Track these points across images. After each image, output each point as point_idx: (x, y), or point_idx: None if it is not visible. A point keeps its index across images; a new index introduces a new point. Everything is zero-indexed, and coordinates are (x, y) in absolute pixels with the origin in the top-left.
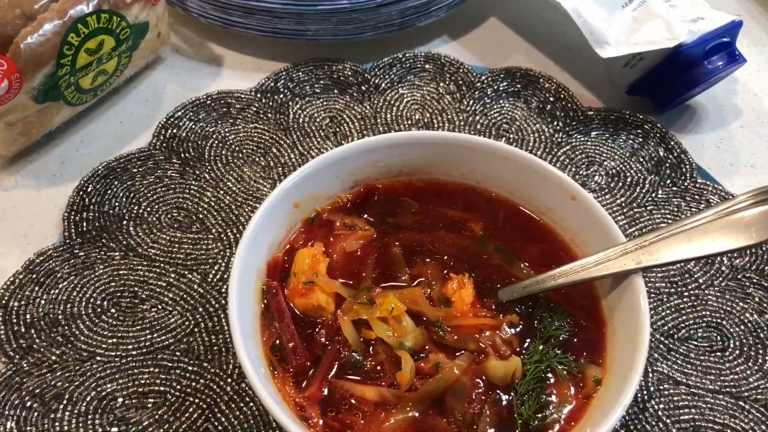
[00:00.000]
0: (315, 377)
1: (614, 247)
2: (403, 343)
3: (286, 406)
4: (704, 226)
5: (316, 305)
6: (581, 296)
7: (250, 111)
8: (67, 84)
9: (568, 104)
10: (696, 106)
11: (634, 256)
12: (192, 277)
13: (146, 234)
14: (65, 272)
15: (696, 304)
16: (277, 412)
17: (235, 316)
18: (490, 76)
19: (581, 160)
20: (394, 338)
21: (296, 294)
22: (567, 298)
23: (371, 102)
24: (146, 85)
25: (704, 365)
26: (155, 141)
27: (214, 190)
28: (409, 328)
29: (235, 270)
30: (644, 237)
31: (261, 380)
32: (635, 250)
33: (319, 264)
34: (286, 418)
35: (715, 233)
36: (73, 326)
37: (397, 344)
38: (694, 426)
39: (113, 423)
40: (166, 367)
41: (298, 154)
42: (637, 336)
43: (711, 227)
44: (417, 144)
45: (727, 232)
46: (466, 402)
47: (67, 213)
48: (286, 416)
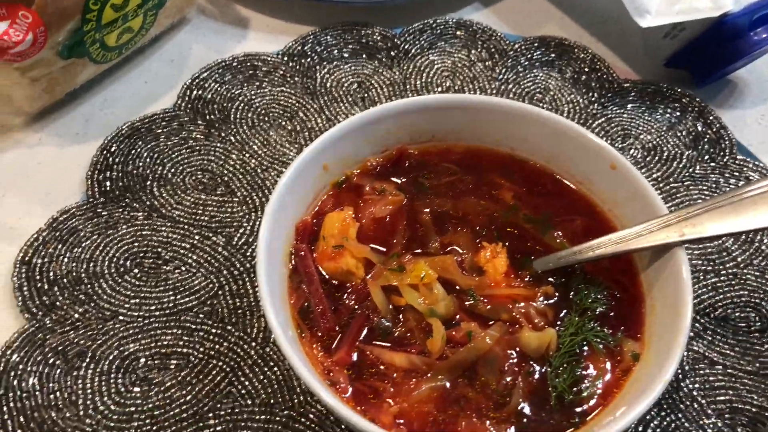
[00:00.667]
0: (343, 342)
1: (656, 219)
2: (434, 310)
3: (313, 370)
4: (752, 198)
5: (345, 269)
6: (619, 269)
7: (277, 74)
8: (93, 40)
9: (603, 75)
10: (737, 80)
11: (677, 228)
12: (216, 239)
13: (170, 195)
14: (88, 231)
15: (734, 283)
16: (304, 373)
17: (264, 276)
18: (524, 44)
19: (617, 133)
20: (425, 305)
21: (325, 258)
22: (604, 271)
23: (400, 68)
24: (171, 45)
25: (742, 346)
26: (180, 102)
27: (240, 153)
28: (441, 296)
29: (263, 230)
30: (687, 209)
31: (289, 342)
32: (678, 222)
33: (348, 228)
34: (313, 381)
35: (764, 206)
36: (95, 285)
37: (428, 311)
38: (731, 407)
39: (135, 383)
40: (189, 329)
41: (325, 119)
42: (680, 310)
43: (760, 200)
44: (451, 108)
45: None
46: (499, 372)
47: (90, 172)
48: (313, 378)
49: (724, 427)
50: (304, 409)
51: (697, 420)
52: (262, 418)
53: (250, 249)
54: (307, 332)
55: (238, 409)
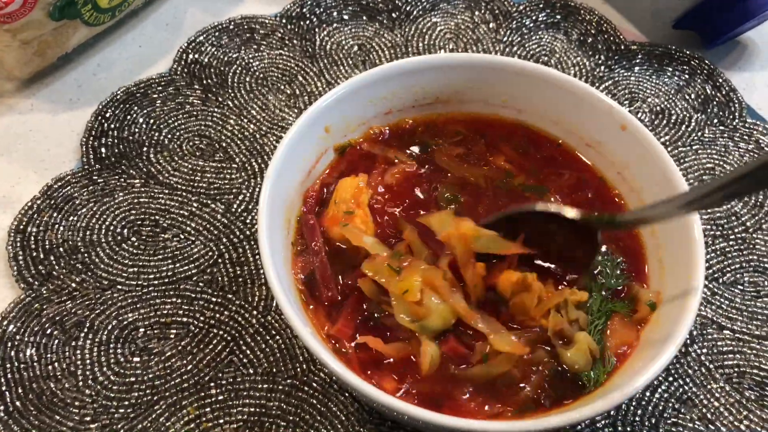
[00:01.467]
0: (340, 316)
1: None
2: (424, 326)
3: (317, 336)
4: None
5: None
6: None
7: (275, 37)
8: (85, 1)
9: (610, 37)
10: (746, 42)
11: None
12: (215, 206)
13: (167, 161)
14: (84, 199)
15: (743, 248)
16: (308, 338)
17: (266, 241)
18: (528, 5)
19: (624, 96)
20: (411, 322)
21: (335, 222)
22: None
23: (402, 30)
24: (166, 8)
25: (750, 310)
26: (176, 66)
27: (238, 118)
28: (433, 307)
29: (264, 194)
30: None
31: (292, 307)
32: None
33: (361, 195)
34: (317, 346)
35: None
36: (92, 254)
37: (417, 328)
38: (738, 372)
39: (135, 353)
40: (188, 297)
41: (325, 83)
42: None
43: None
44: (456, 67)
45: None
46: (519, 381)
47: (85, 138)
48: (317, 344)
49: (732, 391)
50: (307, 378)
51: (705, 385)
52: (265, 387)
53: (250, 216)
54: (311, 300)
55: (239, 378)
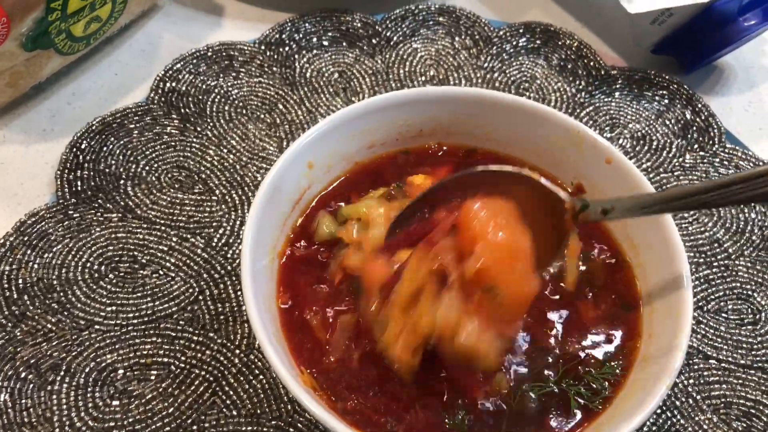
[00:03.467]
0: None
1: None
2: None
3: (300, 379)
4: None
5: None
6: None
7: (254, 64)
8: (58, 31)
9: (590, 62)
10: (723, 67)
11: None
12: (195, 241)
13: (145, 194)
14: (59, 234)
15: (726, 275)
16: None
17: (249, 286)
18: (509, 31)
19: (605, 122)
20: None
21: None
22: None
23: (383, 56)
24: (142, 34)
25: (735, 339)
26: (153, 95)
27: (217, 149)
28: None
29: (247, 237)
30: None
31: (275, 350)
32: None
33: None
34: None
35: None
36: (69, 292)
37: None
38: (725, 402)
39: (114, 396)
40: (169, 337)
41: (306, 111)
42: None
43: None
44: (439, 101)
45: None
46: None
47: (60, 171)
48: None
49: (720, 422)
50: (292, 419)
51: (692, 416)
52: (249, 429)
53: (231, 250)
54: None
55: (223, 421)
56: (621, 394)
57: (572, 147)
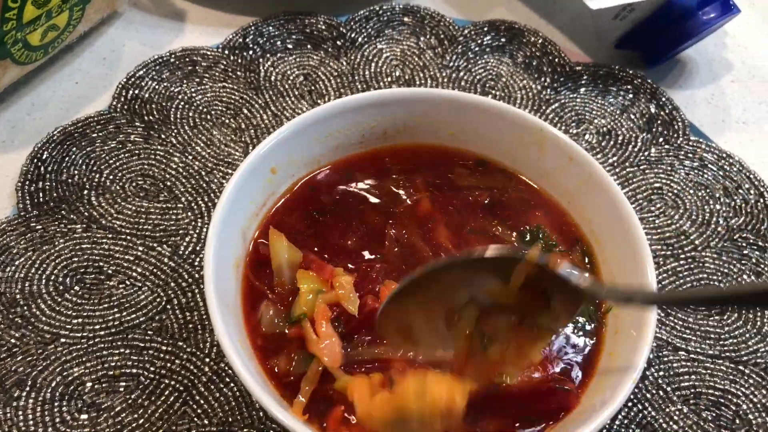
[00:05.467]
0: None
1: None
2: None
3: (269, 386)
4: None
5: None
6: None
7: (218, 69)
8: (14, 40)
9: (555, 59)
10: (686, 61)
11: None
12: (162, 249)
13: (110, 204)
14: (21, 247)
15: (693, 266)
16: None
17: (213, 293)
18: (473, 29)
19: (571, 118)
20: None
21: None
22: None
23: (348, 58)
24: (102, 42)
25: (703, 330)
26: (115, 103)
27: (182, 156)
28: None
29: (210, 245)
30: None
31: (241, 359)
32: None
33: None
34: (268, 399)
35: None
36: (33, 306)
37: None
38: (695, 392)
39: (82, 409)
40: (137, 347)
41: (272, 115)
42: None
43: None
44: (403, 102)
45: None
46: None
47: (20, 183)
48: (268, 397)
49: (690, 413)
50: (264, 425)
51: (663, 408)
52: None
53: (198, 258)
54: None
55: (195, 430)
56: (587, 390)
57: (535, 145)
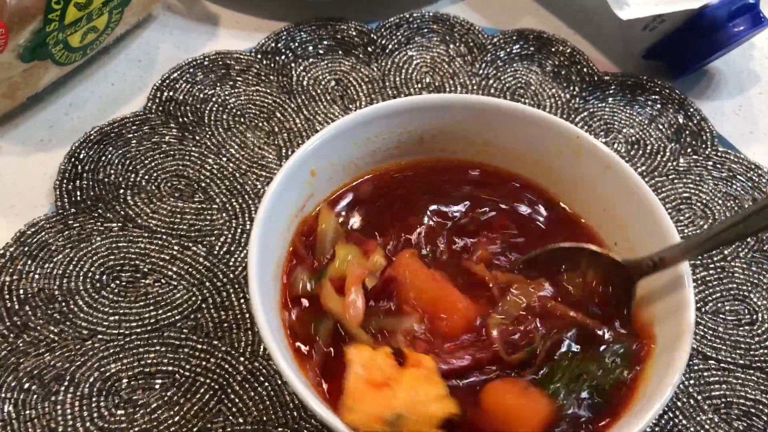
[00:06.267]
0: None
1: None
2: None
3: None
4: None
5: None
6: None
7: (251, 73)
8: (56, 41)
9: (583, 69)
10: (713, 72)
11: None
12: (197, 249)
13: (145, 204)
14: (60, 244)
15: (722, 276)
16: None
17: (257, 295)
18: (502, 38)
19: (600, 127)
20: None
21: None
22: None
23: (378, 64)
24: (138, 44)
25: (733, 339)
26: (150, 104)
27: (216, 157)
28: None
29: (252, 252)
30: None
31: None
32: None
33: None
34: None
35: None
36: (71, 302)
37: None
38: (726, 402)
39: (119, 405)
40: (173, 345)
41: (304, 119)
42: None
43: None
44: (439, 108)
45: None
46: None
47: (58, 181)
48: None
49: (721, 422)
50: (299, 425)
51: (694, 416)
52: None
53: (233, 258)
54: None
55: (229, 428)
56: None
57: (570, 153)
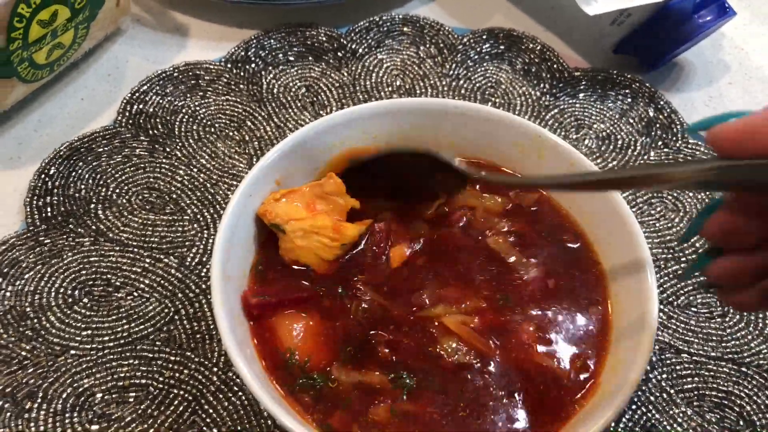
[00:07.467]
0: None
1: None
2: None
3: (276, 394)
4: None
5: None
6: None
7: (221, 82)
8: (20, 59)
9: (554, 65)
10: (683, 64)
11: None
12: (168, 261)
13: (116, 217)
14: (31, 261)
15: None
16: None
17: (219, 302)
18: (472, 37)
19: (570, 124)
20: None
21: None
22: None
23: (349, 69)
24: (106, 58)
25: (705, 332)
26: (120, 118)
27: (187, 168)
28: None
29: (216, 257)
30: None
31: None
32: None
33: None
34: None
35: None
36: (43, 319)
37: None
38: (698, 395)
39: (93, 420)
40: (146, 358)
41: (275, 127)
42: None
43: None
44: (405, 112)
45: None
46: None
47: (29, 198)
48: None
49: (694, 415)
50: None
51: (667, 410)
52: None
53: (205, 269)
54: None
55: None
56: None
57: (533, 152)
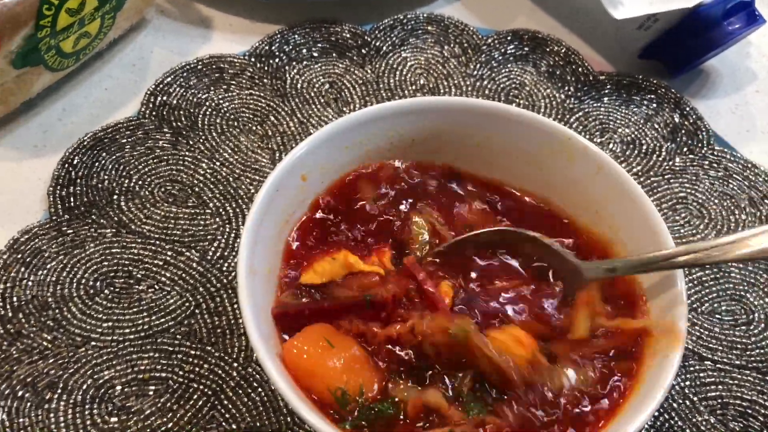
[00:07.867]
0: None
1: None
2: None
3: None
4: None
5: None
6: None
7: (245, 76)
8: (48, 47)
9: (578, 68)
10: (709, 71)
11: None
12: (190, 254)
13: (139, 209)
14: (53, 251)
15: (719, 276)
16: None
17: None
18: (497, 38)
19: (595, 128)
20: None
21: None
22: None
23: (372, 66)
24: (131, 49)
25: (729, 340)
26: (144, 109)
27: (210, 162)
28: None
29: (242, 253)
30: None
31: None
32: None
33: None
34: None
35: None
36: (64, 309)
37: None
38: (722, 403)
39: (112, 412)
40: (166, 351)
41: (298, 122)
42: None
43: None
44: (431, 111)
45: None
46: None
47: (52, 187)
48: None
49: (717, 423)
50: (292, 430)
51: (690, 418)
52: None
53: (226, 263)
54: None
55: None
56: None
57: (562, 155)
